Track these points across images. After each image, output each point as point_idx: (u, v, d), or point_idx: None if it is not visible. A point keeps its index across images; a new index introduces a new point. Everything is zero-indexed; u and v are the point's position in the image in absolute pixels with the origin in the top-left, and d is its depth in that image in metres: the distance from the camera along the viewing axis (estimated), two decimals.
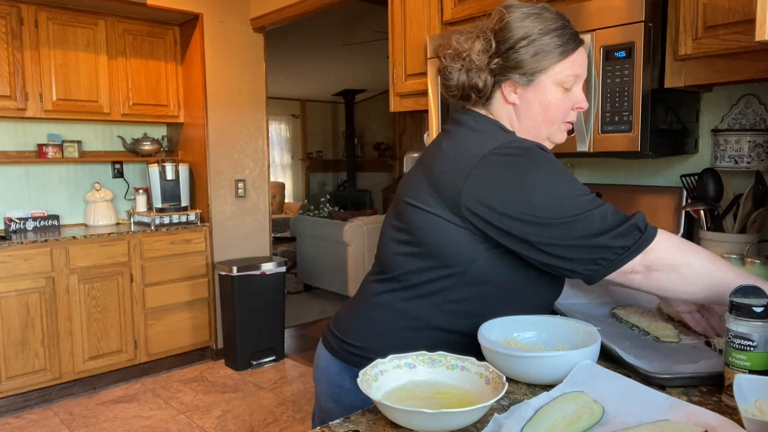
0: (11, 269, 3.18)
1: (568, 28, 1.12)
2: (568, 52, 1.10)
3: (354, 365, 1.14)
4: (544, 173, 1.01)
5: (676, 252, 0.98)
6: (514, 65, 1.10)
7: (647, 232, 0.97)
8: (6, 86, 3.38)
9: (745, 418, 0.76)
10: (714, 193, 1.69)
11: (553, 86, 1.11)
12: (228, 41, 4.07)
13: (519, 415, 0.84)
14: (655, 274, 0.99)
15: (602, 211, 0.98)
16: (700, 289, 1.00)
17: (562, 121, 1.14)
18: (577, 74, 1.12)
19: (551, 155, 1.07)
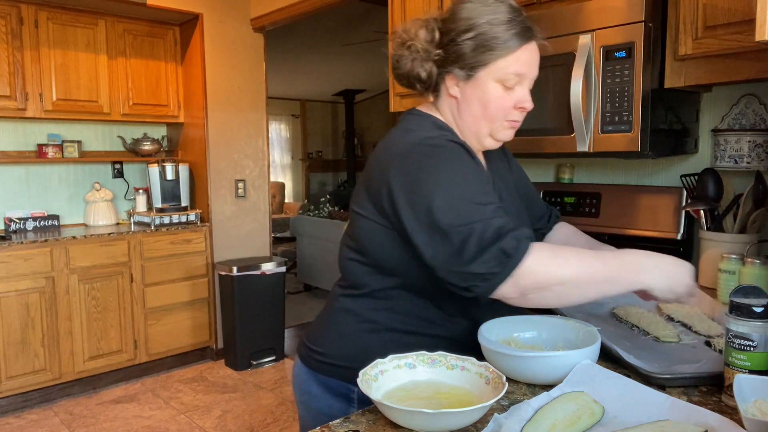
0: (11, 269, 3.18)
1: (518, 23, 1.05)
2: (511, 48, 1.04)
3: (319, 372, 1.15)
4: (446, 175, 0.98)
5: (545, 273, 0.93)
6: (455, 58, 1.06)
7: (515, 257, 0.92)
8: (6, 86, 3.38)
9: (745, 418, 0.76)
10: (714, 193, 1.69)
11: (492, 83, 1.06)
12: (228, 41, 4.07)
13: (519, 415, 0.84)
14: (530, 296, 0.95)
15: (480, 231, 0.92)
16: (580, 297, 0.97)
17: (504, 119, 1.10)
18: (520, 73, 1.06)
19: (464, 155, 1.03)
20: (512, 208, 1.19)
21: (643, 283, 0.97)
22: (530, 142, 1.88)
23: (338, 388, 1.12)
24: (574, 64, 1.68)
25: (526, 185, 1.35)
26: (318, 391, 1.15)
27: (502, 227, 0.93)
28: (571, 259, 0.94)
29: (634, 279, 0.96)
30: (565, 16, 1.74)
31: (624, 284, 0.96)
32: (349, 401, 1.11)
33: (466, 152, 1.04)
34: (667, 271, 0.99)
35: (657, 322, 1.26)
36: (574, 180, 2.26)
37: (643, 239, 1.95)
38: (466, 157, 1.03)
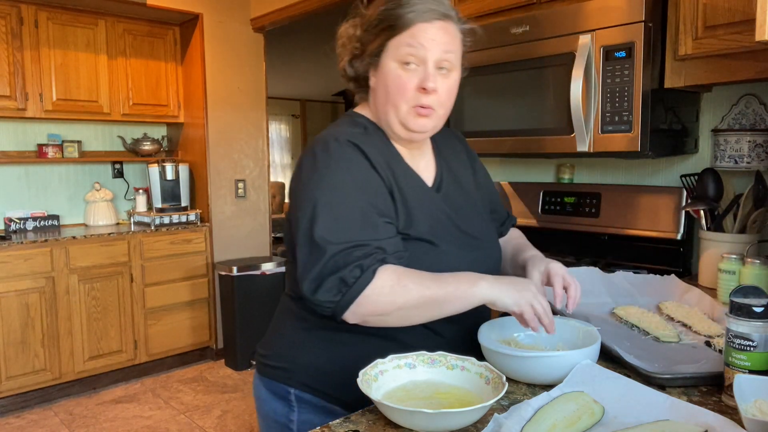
0: (11, 269, 3.17)
1: (421, 5, 1.01)
2: (406, 25, 1.01)
3: (264, 375, 1.15)
4: (322, 181, 0.97)
5: (384, 303, 0.93)
6: (366, 48, 1.07)
7: (354, 288, 0.91)
8: (6, 86, 3.37)
9: (745, 418, 0.76)
10: (714, 193, 1.69)
11: (392, 63, 1.03)
12: (228, 41, 4.06)
13: (519, 415, 0.84)
14: (372, 321, 0.96)
15: (330, 253, 0.92)
16: (422, 318, 0.97)
17: (409, 103, 1.04)
18: (414, 52, 1.01)
19: (349, 161, 1.00)
20: (465, 208, 1.15)
21: (483, 294, 0.96)
22: (530, 142, 1.88)
23: (278, 390, 1.11)
24: (574, 64, 1.68)
25: (490, 191, 1.32)
26: (264, 395, 1.14)
27: (359, 248, 0.93)
28: (411, 286, 0.93)
29: (471, 290, 0.96)
30: (565, 16, 1.74)
31: (463, 297, 0.95)
32: (289, 403, 1.10)
33: (359, 155, 1.01)
34: (506, 280, 0.99)
35: (657, 322, 1.26)
36: (574, 180, 2.26)
37: (643, 239, 1.95)
38: (354, 163, 1.00)
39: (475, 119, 2.05)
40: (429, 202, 1.08)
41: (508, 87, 1.93)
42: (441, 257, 1.04)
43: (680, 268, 1.87)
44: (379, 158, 1.04)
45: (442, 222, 1.08)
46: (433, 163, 1.17)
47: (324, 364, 1.07)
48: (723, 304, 1.40)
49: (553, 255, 2.15)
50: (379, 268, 0.93)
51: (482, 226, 1.17)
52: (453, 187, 1.16)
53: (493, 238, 1.20)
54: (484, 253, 1.13)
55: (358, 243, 0.94)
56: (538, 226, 2.26)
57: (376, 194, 1.00)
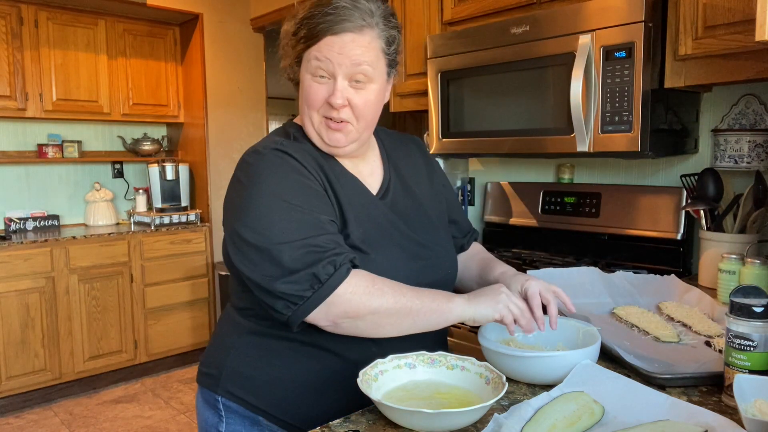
0: (11, 269, 3.17)
1: (336, 15, 0.96)
2: (314, 38, 0.98)
3: (200, 384, 1.12)
4: (264, 189, 0.94)
5: (358, 302, 0.90)
6: (290, 54, 1.04)
7: (327, 284, 0.88)
8: (6, 86, 3.38)
9: (745, 418, 0.76)
10: (714, 193, 1.69)
11: (306, 75, 1.01)
12: (228, 41, 4.06)
13: (519, 415, 0.84)
14: (343, 325, 0.92)
15: (290, 252, 0.89)
16: (395, 328, 0.94)
17: (320, 114, 1.01)
18: (321, 65, 0.98)
19: (286, 166, 0.98)
20: (413, 217, 1.11)
21: (459, 311, 0.95)
22: (530, 142, 1.88)
23: (208, 398, 1.09)
24: (574, 64, 1.68)
25: (449, 200, 1.26)
26: (199, 404, 1.12)
27: (320, 247, 0.90)
28: (387, 290, 0.92)
29: (448, 305, 0.95)
30: (565, 16, 1.74)
31: (439, 312, 0.94)
32: (218, 412, 1.07)
33: (290, 159, 0.99)
34: (477, 293, 0.99)
35: (657, 322, 1.26)
36: (574, 180, 2.26)
37: (643, 239, 1.95)
38: (287, 167, 0.98)
39: (475, 119, 2.05)
40: (369, 208, 1.05)
41: (508, 87, 1.93)
42: (382, 266, 0.99)
43: (680, 268, 1.87)
44: (312, 162, 1.01)
45: (383, 229, 1.04)
46: (380, 170, 1.14)
47: (252, 372, 1.03)
48: (723, 304, 1.40)
49: (553, 255, 2.16)
50: (354, 270, 0.92)
51: (433, 235, 1.12)
52: (402, 194, 1.13)
53: (445, 248, 1.15)
54: (430, 262, 1.09)
55: (316, 243, 0.90)
56: (538, 226, 2.26)
57: (317, 198, 0.97)
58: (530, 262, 2.04)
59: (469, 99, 2.06)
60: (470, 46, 2.01)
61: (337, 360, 1.00)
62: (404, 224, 1.07)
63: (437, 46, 2.13)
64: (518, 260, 2.09)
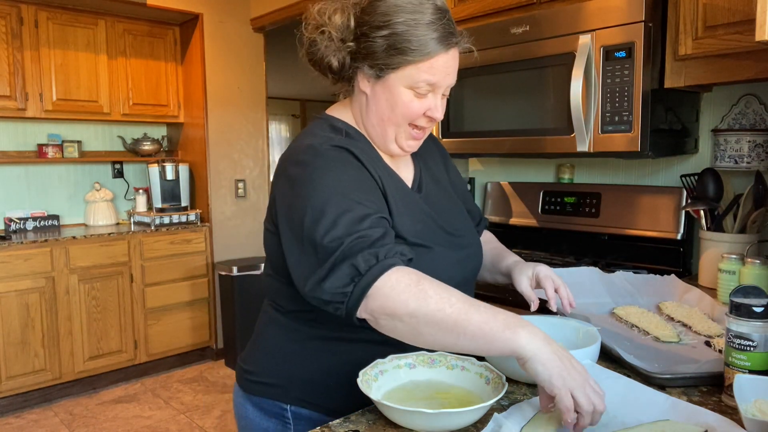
0: (11, 269, 3.17)
1: (439, 27, 0.95)
2: (425, 55, 0.95)
3: (251, 393, 1.09)
4: (320, 186, 0.91)
5: (396, 300, 0.82)
6: (365, 54, 0.98)
7: (368, 275, 0.83)
8: (6, 86, 3.38)
9: (745, 418, 0.76)
10: (714, 193, 1.69)
11: (403, 88, 0.98)
12: (228, 41, 4.06)
13: (519, 415, 0.84)
14: (382, 322, 0.85)
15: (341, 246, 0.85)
16: (436, 340, 0.82)
17: (411, 123, 1.02)
18: (432, 82, 0.98)
19: (345, 161, 0.96)
20: (446, 207, 1.12)
21: (519, 345, 0.78)
22: (530, 142, 1.88)
23: (271, 408, 1.06)
24: (574, 64, 1.68)
25: (464, 190, 1.27)
26: (253, 415, 1.08)
27: (367, 237, 0.85)
28: (431, 294, 0.82)
29: (503, 333, 0.79)
30: (565, 16, 1.74)
31: (490, 337, 0.79)
32: (284, 421, 1.05)
33: (350, 156, 0.97)
34: (559, 350, 0.80)
35: (657, 322, 1.26)
36: (574, 180, 2.26)
37: (643, 239, 1.95)
38: (347, 163, 0.96)
39: (475, 119, 2.05)
40: (412, 203, 1.05)
41: (508, 87, 1.93)
42: (434, 260, 0.99)
43: (680, 268, 1.87)
44: (368, 160, 1.01)
45: (426, 223, 1.04)
46: (411, 164, 1.15)
47: (321, 376, 1.02)
48: (723, 304, 1.40)
49: (553, 255, 2.16)
50: (399, 264, 0.85)
51: (464, 224, 1.14)
52: (433, 186, 1.14)
53: (475, 236, 1.17)
54: (469, 251, 1.10)
55: (361, 235, 0.86)
56: (538, 226, 2.26)
57: (373, 194, 0.96)
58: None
59: (469, 99, 2.06)
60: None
61: (399, 351, 0.97)
62: (440, 216, 1.08)
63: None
64: None
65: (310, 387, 1.03)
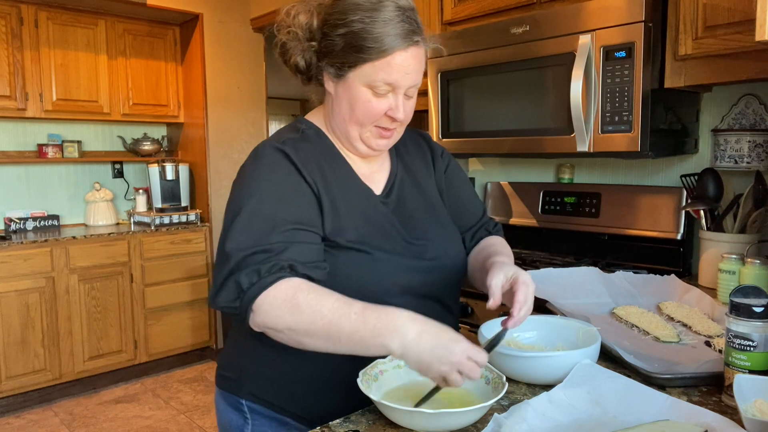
0: (11, 269, 3.17)
1: (398, 25, 0.95)
2: (382, 53, 0.94)
3: (220, 387, 1.12)
4: (243, 189, 0.95)
5: (274, 317, 0.86)
6: (326, 53, 0.99)
7: (250, 292, 0.86)
8: (6, 86, 3.37)
9: (745, 418, 0.76)
10: (714, 193, 1.68)
11: (361, 87, 0.97)
12: (228, 41, 4.06)
13: (519, 415, 0.84)
14: (270, 334, 0.89)
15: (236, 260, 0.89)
16: (317, 347, 0.87)
17: (373, 125, 1.01)
18: (390, 81, 0.96)
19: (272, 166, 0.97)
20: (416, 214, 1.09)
21: (392, 353, 0.83)
22: (530, 142, 1.88)
23: (232, 401, 1.08)
24: (574, 64, 1.68)
25: (456, 194, 1.22)
26: (221, 407, 1.12)
27: (265, 253, 0.88)
28: (304, 308, 0.85)
29: (375, 340, 0.83)
30: (565, 16, 1.74)
31: (362, 344, 0.84)
32: (242, 414, 1.07)
33: (284, 159, 0.98)
34: (430, 342, 0.82)
35: (657, 322, 1.26)
36: (574, 180, 2.26)
37: (643, 239, 1.95)
38: (277, 168, 0.97)
39: (475, 119, 2.05)
40: (369, 209, 1.04)
41: (508, 87, 1.93)
42: (375, 266, 0.98)
43: (680, 268, 1.87)
44: (311, 164, 1.00)
45: (384, 230, 1.03)
46: (388, 166, 1.13)
47: (273, 374, 1.03)
48: (723, 304, 1.40)
49: (553, 255, 2.16)
50: (283, 278, 0.87)
51: (439, 232, 1.10)
52: (410, 190, 1.12)
53: (451, 244, 1.12)
54: (435, 263, 1.06)
55: (261, 249, 0.89)
56: (538, 226, 2.26)
57: (294, 201, 0.95)
58: (530, 262, 2.04)
59: (469, 99, 2.06)
60: (470, 46, 2.01)
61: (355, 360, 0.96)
62: (405, 223, 1.07)
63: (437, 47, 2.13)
64: (518, 260, 2.09)
65: (262, 383, 1.05)
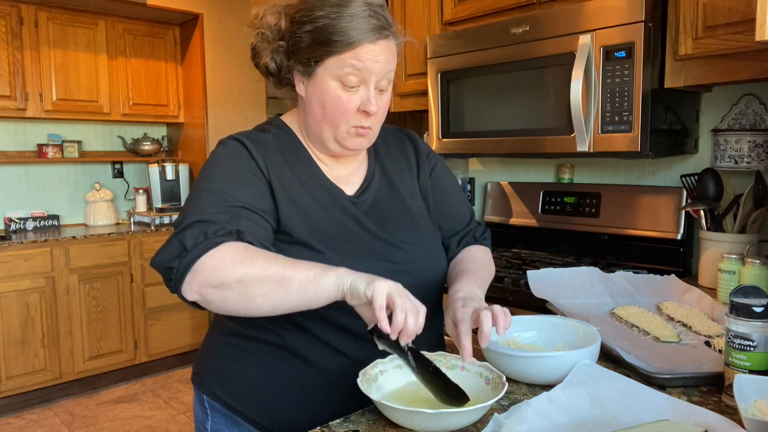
0: (11, 269, 3.17)
1: (364, 20, 0.94)
2: (348, 45, 0.93)
3: (193, 383, 1.13)
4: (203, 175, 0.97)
5: (223, 270, 0.83)
6: (294, 51, 0.98)
7: (193, 252, 0.83)
8: (6, 86, 3.38)
9: (745, 418, 0.76)
10: (714, 193, 1.68)
11: (332, 82, 0.96)
12: (228, 41, 4.06)
13: (519, 415, 0.84)
14: (210, 297, 0.84)
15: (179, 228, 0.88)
16: (267, 299, 0.84)
17: (348, 123, 0.99)
18: (359, 68, 0.94)
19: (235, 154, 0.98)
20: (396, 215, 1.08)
21: (333, 281, 0.82)
22: (530, 142, 1.88)
23: (197, 395, 1.11)
24: (574, 64, 1.68)
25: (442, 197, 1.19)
26: (194, 401, 1.14)
27: (209, 222, 0.87)
28: (258, 258, 0.84)
29: (322, 276, 0.83)
30: (565, 16, 1.74)
31: (312, 282, 0.83)
32: (204, 409, 1.08)
33: (242, 149, 0.99)
34: (367, 275, 0.83)
35: (657, 322, 1.26)
36: (574, 180, 2.26)
37: (643, 239, 1.95)
38: (234, 156, 0.98)
39: (475, 119, 2.05)
40: (332, 208, 1.02)
41: (508, 87, 1.93)
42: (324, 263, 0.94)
43: (680, 268, 1.87)
44: (268, 156, 1.00)
45: (348, 230, 1.01)
46: (365, 167, 1.11)
47: (229, 372, 1.04)
48: (723, 304, 1.40)
49: (553, 255, 2.16)
50: (230, 242, 0.85)
51: (414, 234, 1.08)
52: (385, 192, 1.10)
53: (428, 248, 1.09)
54: (405, 266, 1.03)
55: (208, 219, 0.88)
56: (538, 226, 2.26)
57: (244, 185, 0.95)
58: (530, 262, 2.04)
59: (469, 99, 2.06)
60: (470, 46, 2.01)
61: (308, 368, 0.98)
62: (378, 224, 1.04)
63: (437, 46, 2.13)
64: (518, 260, 2.09)
65: (219, 380, 1.05)
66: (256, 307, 0.85)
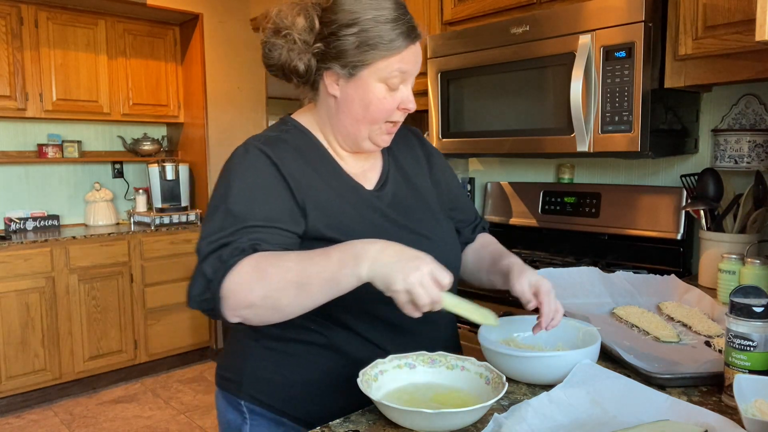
0: (11, 269, 3.17)
1: (404, 21, 0.97)
2: (396, 48, 0.96)
3: (220, 387, 1.13)
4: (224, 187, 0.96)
5: (245, 290, 0.85)
6: (336, 54, 0.98)
7: (215, 280, 0.86)
8: (6, 86, 3.37)
9: (745, 418, 0.76)
10: (714, 193, 1.69)
11: (376, 83, 0.98)
12: (228, 41, 4.06)
13: (519, 415, 0.84)
14: (246, 315, 0.87)
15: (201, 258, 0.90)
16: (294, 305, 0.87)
17: (385, 121, 1.02)
18: (405, 70, 0.98)
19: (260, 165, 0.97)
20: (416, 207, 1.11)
21: (361, 277, 0.83)
22: (530, 142, 1.88)
23: (231, 401, 1.09)
24: (574, 64, 1.68)
25: (451, 189, 1.24)
26: (221, 406, 1.13)
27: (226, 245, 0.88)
28: (270, 270, 0.85)
29: (351, 272, 0.83)
30: (565, 16, 1.74)
31: (333, 280, 0.84)
32: (242, 414, 1.08)
33: (266, 160, 0.98)
34: (395, 254, 0.83)
35: (657, 322, 1.26)
36: (574, 180, 2.26)
37: (643, 239, 1.95)
38: (258, 169, 0.97)
39: (475, 119, 2.05)
40: (359, 203, 1.04)
41: (508, 87, 1.93)
42: None
43: (680, 268, 1.87)
44: (293, 163, 1.00)
45: (375, 224, 1.03)
46: (380, 162, 1.13)
47: (271, 375, 1.04)
48: (723, 304, 1.40)
49: (553, 255, 2.16)
50: (244, 258, 0.87)
51: (436, 226, 1.12)
52: (403, 186, 1.13)
53: (448, 239, 1.13)
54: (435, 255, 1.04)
55: (226, 242, 0.89)
56: (538, 226, 2.26)
57: (267, 201, 0.95)
58: (530, 262, 2.04)
59: (469, 99, 2.06)
60: (470, 46, 2.01)
61: (352, 365, 0.99)
62: (402, 216, 1.07)
63: (437, 46, 2.13)
64: None
65: (260, 385, 1.05)
66: (288, 313, 0.88)
